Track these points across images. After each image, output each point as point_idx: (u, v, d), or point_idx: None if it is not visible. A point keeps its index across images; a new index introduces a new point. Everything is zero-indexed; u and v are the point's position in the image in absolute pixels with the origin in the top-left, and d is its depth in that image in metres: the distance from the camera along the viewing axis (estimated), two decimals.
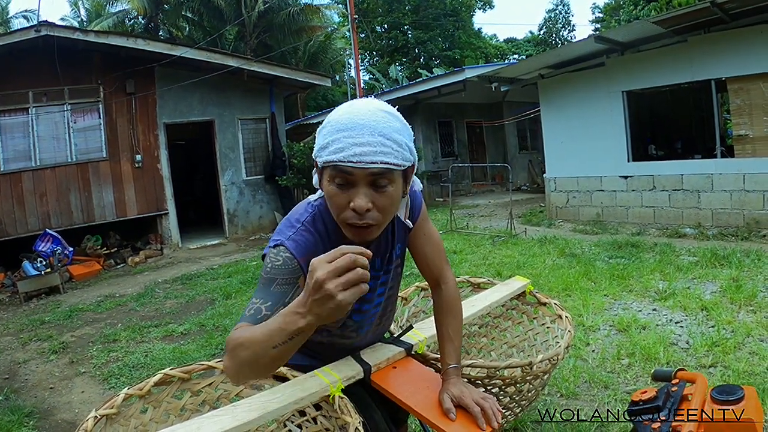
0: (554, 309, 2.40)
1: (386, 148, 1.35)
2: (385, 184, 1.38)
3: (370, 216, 1.38)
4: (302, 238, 1.52)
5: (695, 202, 8.88)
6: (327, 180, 1.40)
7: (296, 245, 1.49)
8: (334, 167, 1.35)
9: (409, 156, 1.43)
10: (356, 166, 1.33)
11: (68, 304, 7.67)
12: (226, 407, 1.58)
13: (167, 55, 10.87)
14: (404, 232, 1.78)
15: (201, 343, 5.38)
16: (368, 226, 1.40)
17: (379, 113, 1.39)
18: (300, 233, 1.53)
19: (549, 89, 11.15)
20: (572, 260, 7.34)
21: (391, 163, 1.36)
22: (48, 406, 4.36)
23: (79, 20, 25.64)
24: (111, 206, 11.02)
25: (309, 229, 1.54)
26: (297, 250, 1.48)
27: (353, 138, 1.34)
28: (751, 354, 3.86)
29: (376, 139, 1.35)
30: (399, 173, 1.42)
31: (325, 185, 1.42)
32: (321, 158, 1.39)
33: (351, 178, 1.35)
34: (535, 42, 42.02)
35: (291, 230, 1.54)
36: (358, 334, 1.85)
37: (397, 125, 1.41)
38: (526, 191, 17.72)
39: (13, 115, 10.00)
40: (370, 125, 1.35)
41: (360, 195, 1.36)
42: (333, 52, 27.77)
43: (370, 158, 1.33)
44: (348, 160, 1.33)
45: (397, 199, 1.45)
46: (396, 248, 1.77)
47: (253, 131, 13.23)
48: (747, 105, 8.13)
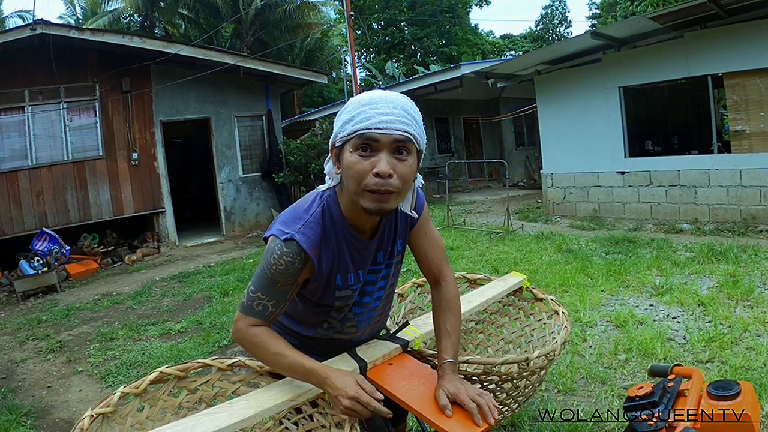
0: (551, 305, 2.41)
1: (408, 120, 1.49)
2: (405, 154, 1.50)
3: (390, 182, 1.46)
4: (311, 232, 1.58)
5: (692, 198, 8.89)
6: (350, 151, 1.49)
7: (306, 239, 1.57)
8: (360, 135, 1.46)
9: (423, 137, 1.56)
10: (383, 132, 1.45)
11: (65, 303, 7.65)
12: (222, 405, 1.59)
13: (163, 52, 10.83)
14: (406, 226, 1.84)
15: (198, 341, 5.38)
16: (388, 192, 1.47)
17: (400, 95, 1.53)
18: (309, 226, 1.59)
19: (545, 85, 11.14)
20: (569, 256, 7.35)
21: (411, 133, 1.48)
22: (45, 405, 4.35)
23: (74, 18, 25.56)
24: (108, 205, 11.00)
25: (318, 221, 1.61)
26: (307, 244, 1.56)
27: (379, 109, 1.46)
28: (747, 349, 3.87)
29: (400, 111, 1.48)
30: (415, 149, 1.53)
31: (347, 157, 1.49)
32: (344, 131, 1.49)
33: (376, 144, 1.46)
34: (532, 38, 41.97)
35: (299, 222, 1.59)
36: (357, 329, 1.87)
37: (415, 108, 1.55)
38: (523, 187, 17.72)
39: (9, 114, 9.96)
40: (393, 100, 1.50)
41: (383, 160, 1.45)
42: (329, 49, 27.78)
43: (395, 126, 1.46)
44: (375, 126, 1.44)
45: (413, 173, 1.57)
46: (398, 243, 1.82)
47: (250, 128, 13.21)
48: (743, 101, 8.14)
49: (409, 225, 1.85)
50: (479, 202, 15.02)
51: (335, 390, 1.51)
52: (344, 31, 24.27)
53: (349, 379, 1.54)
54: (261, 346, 1.64)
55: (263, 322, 1.65)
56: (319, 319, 1.81)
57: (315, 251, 1.58)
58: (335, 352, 1.86)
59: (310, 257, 1.57)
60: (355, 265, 1.70)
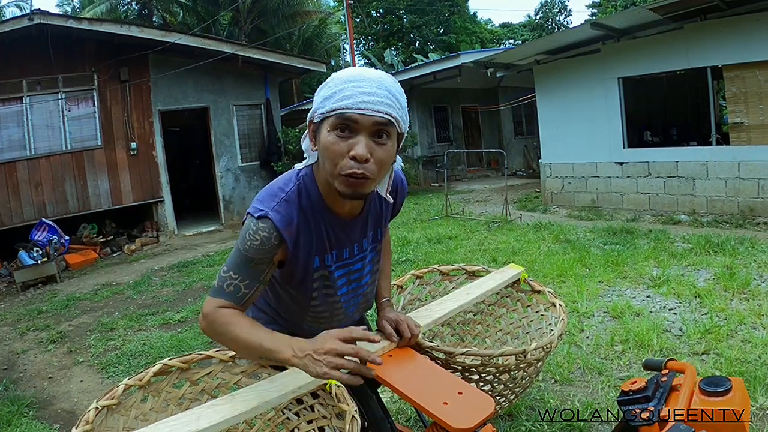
0: (548, 297, 2.43)
1: (391, 101, 1.40)
2: (385, 137, 1.43)
3: (367, 167, 1.40)
4: (285, 210, 1.52)
5: (690, 189, 8.91)
6: (327, 129, 1.42)
7: (280, 217, 1.50)
8: (340, 115, 1.38)
9: (405, 119, 1.48)
10: (363, 113, 1.37)
11: (65, 293, 7.69)
12: (225, 396, 1.60)
13: (161, 42, 10.80)
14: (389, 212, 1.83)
15: (198, 330, 5.38)
16: (364, 177, 1.40)
17: (385, 74, 1.45)
18: (283, 204, 1.53)
19: (545, 75, 11.14)
20: (567, 246, 7.38)
21: (393, 116, 1.41)
22: (47, 395, 4.39)
23: (71, 7, 25.41)
24: (106, 194, 11.01)
25: (293, 200, 1.54)
26: (281, 222, 1.50)
27: (361, 88, 1.38)
28: (743, 342, 3.90)
29: (383, 91, 1.40)
30: (396, 132, 1.46)
31: (324, 136, 1.42)
32: (324, 108, 1.41)
33: (355, 126, 1.39)
34: (531, 27, 41.86)
35: (274, 200, 1.53)
36: (346, 315, 1.87)
37: (399, 88, 1.47)
38: (521, 176, 17.73)
39: (7, 105, 9.94)
40: (377, 79, 1.41)
41: (361, 143, 1.38)
42: (328, 36, 27.66)
43: (377, 107, 1.38)
44: (356, 107, 1.36)
45: (391, 157, 1.49)
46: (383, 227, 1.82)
47: (248, 117, 13.20)
48: (743, 93, 8.14)
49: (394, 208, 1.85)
50: (478, 191, 15.05)
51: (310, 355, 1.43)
52: (343, 19, 24.21)
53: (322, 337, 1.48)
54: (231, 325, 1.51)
55: (234, 304, 1.55)
56: (304, 308, 1.76)
57: (289, 231, 1.52)
58: None
59: (284, 238, 1.51)
60: (332, 244, 1.65)
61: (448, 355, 1.93)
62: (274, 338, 1.50)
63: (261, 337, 1.50)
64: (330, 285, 1.72)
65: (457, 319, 2.69)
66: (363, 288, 1.85)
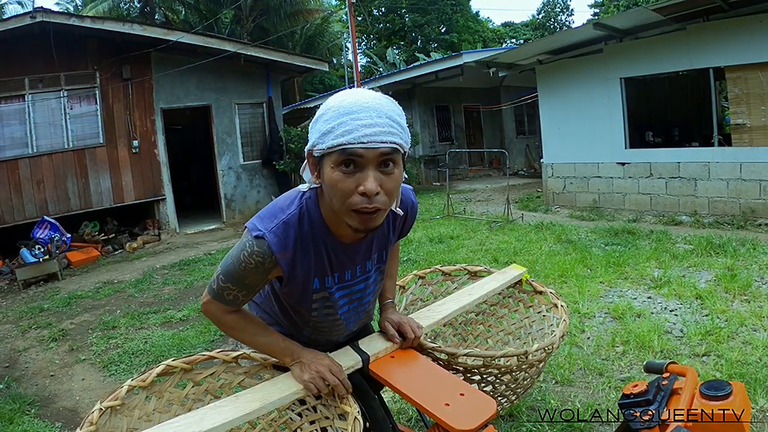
0: (550, 298, 2.44)
1: (393, 128, 1.38)
2: (392, 166, 1.40)
3: (377, 200, 1.38)
4: (283, 233, 1.51)
5: (692, 190, 8.91)
6: (331, 167, 1.38)
7: (276, 240, 1.50)
8: (342, 151, 1.34)
9: (408, 139, 1.45)
10: (367, 147, 1.34)
11: (67, 291, 7.69)
12: (228, 398, 1.62)
13: (163, 40, 10.80)
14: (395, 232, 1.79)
15: (200, 329, 5.40)
16: (375, 210, 1.39)
17: (381, 98, 1.41)
18: (281, 226, 1.52)
19: (547, 75, 11.13)
20: (568, 247, 7.38)
21: (398, 143, 1.39)
22: (49, 393, 4.40)
23: (73, 5, 25.42)
24: (108, 192, 11.02)
25: (292, 223, 1.53)
26: (276, 245, 1.50)
27: (361, 120, 1.34)
28: (744, 344, 3.90)
29: (384, 120, 1.36)
30: (400, 156, 1.43)
31: (328, 173, 1.39)
32: (324, 144, 1.37)
33: (360, 160, 1.35)
34: (534, 26, 41.84)
35: (273, 221, 1.53)
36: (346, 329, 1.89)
37: (398, 110, 1.44)
38: (523, 176, 17.73)
39: (9, 103, 9.94)
40: (376, 107, 1.37)
41: (369, 178, 1.35)
42: (329, 35, 27.66)
43: (380, 138, 1.35)
44: (358, 141, 1.33)
45: (400, 183, 1.48)
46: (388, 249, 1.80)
47: (250, 116, 13.20)
48: (745, 94, 8.13)
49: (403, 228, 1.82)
50: (479, 190, 15.04)
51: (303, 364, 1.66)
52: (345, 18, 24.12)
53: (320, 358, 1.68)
54: (239, 330, 1.71)
55: (235, 308, 1.68)
56: (304, 320, 1.79)
57: (284, 254, 1.52)
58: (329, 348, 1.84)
59: (278, 261, 1.52)
60: (333, 267, 1.65)
61: (450, 356, 1.95)
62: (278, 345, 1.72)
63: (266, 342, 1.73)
64: (330, 305, 1.73)
65: (459, 320, 2.70)
66: (365, 306, 1.87)
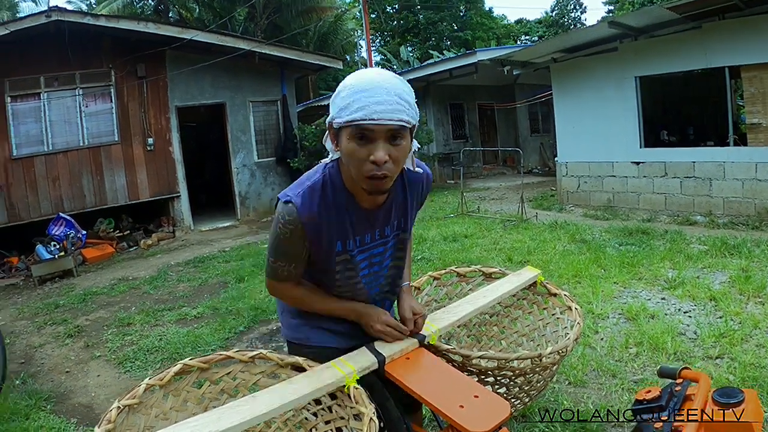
0: (564, 300, 2.43)
1: (401, 106, 1.54)
2: (399, 139, 1.57)
3: (386, 167, 1.56)
4: (309, 198, 1.69)
5: (707, 190, 8.84)
6: (347, 138, 1.57)
7: (302, 202, 1.68)
8: (356, 126, 1.53)
9: (415, 115, 1.61)
10: (377, 123, 1.51)
11: (82, 288, 7.76)
12: (245, 398, 1.63)
13: (178, 38, 10.87)
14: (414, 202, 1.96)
15: (215, 326, 5.44)
16: (384, 176, 1.57)
17: (391, 77, 1.58)
18: (307, 191, 1.71)
19: (561, 73, 11.09)
20: (582, 246, 7.35)
21: (405, 120, 1.55)
22: (64, 389, 4.44)
23: (87, 3, 25.58)
24: (123, 189, 11.11)
25: (317, 188, 1.71)
26: (302, 207, 1.67)
27: (373, 97, 1.51)
28: (757, 346, 3.87)
29: (393, 98, 1.53)
30: (408, 130, 1.61)
31: (345, 144, 1.58)
32: (341, 118, 1.55)
33: (371, 134, 1.53)
34: (547, 23, 41.65)
35: (300, 188, 1.72)
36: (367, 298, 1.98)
37: (407, 88, 1.60)
38: (537, 174, 17.65)
39: (26, 101, 10.06)
40: (386, 87, 1.53)
41: (379, 149, 1.54)
42: (343, 33, 27.62)
43: (389, 115, 1.52)
44: (370, 117, 1.50)
45: (407, 153, 1.66)
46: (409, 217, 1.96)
47: (265, 114, 13.26)
48: (761, 93, 8.05)
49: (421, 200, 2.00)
50: (493, 188, 15.02)
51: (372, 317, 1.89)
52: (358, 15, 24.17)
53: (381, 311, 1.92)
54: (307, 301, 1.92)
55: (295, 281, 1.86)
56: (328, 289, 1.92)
57: (310, 215, 1.68)
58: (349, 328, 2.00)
59: (305, 222, 1.68)
60: (355, 231, 1.80)
61: (465, 358, 1.95)
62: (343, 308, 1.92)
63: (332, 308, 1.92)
64: (352, 268, 1.86)
65: (473, 321, 2.70)
66: (384, 271, 1.97)
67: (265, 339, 5.08)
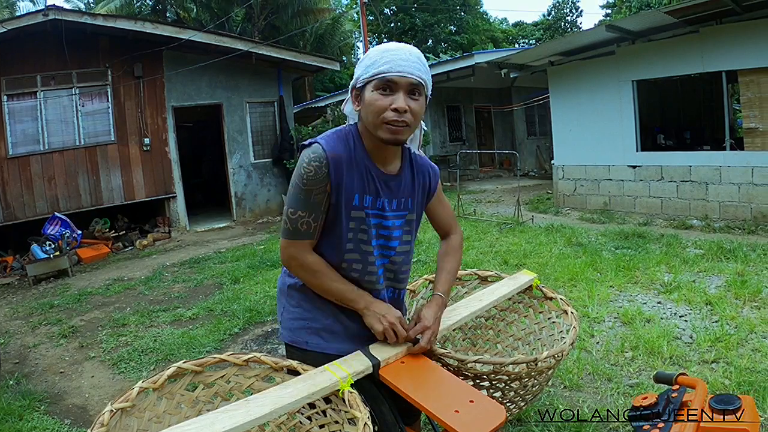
0: (560, 304, 2.43)
1: (421, 67, 1.76)
2: (418, 95, 1.76)
3: (406, 116, 1.73)
4: (334, 141, 1.81)
5: (703, 194, 8.86)
6: (371, 90, 1.74)
7: (327, 143, 1.78)
8: (382, 78, 1.71)
9: (430, 83, 1.83)
10: (401, 75, 1.70)
11: (77, 288, 7.73)
12: (239, 402, 1.62)
13: (175, 38, 10.85)
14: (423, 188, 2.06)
15: (209, 328, 5.42)
16: (404, 124, 1.73)
17: (413, 47, 1.80)
18: (333, 136, 1.83)
19: (558, 77, 11.11)
20: (578, 250, 7.35)
21: (423, 78, 1.76)
22: (58, 390, 4.42)
23: (85, 2, 25.54)
24: (119, 189, 11.08)
25: (342, 137, 1.84)
26: (328, 147, 1.77)
27: (398, 55, 1.72)
28: (753, 351, 3.88)
29: (415, 58, 1.75)
30: (424, 92, 1.80)
31: (369, 95, 1.74)
32: (368, 74, 1.74)
33: (395, 86, 1.72)
34: (544, 27, 41.70)
35: (326, 136, 1.83)
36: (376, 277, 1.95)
37: (424, 59, 1.81)
38: (533, 177, 17.68)
39: (22, 100, 10.03)
40: (409, 49, 1.77)
41: (401, 99, 1.72)
42: (340, 34, 27.66)
43: (410, 71, 1.72)
44: (395, 70, 1.70)
45: (423, 111, 1.81)
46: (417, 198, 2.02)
47: (261, 114, 13.24)
48: (758, 98, 8.08)
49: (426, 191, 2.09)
50: (490, 191, 15.02)
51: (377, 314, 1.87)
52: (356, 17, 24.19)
53: (391, 310, 1.89)
54: (320, 274, 1.86)
55: (312, 241, 1.85)
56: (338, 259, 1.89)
57: (335, 155, 1.76)
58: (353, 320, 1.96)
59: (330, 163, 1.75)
60: (370, 189, 1.86)
61: (460, 362, 1.94)
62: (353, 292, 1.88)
63: (343, 289, 1.87)
64: (365, 230, 1.88)
65: (468, 324, 2.70)
66: (392, 251, 1.96)
67: (260, 341, 5.06)
